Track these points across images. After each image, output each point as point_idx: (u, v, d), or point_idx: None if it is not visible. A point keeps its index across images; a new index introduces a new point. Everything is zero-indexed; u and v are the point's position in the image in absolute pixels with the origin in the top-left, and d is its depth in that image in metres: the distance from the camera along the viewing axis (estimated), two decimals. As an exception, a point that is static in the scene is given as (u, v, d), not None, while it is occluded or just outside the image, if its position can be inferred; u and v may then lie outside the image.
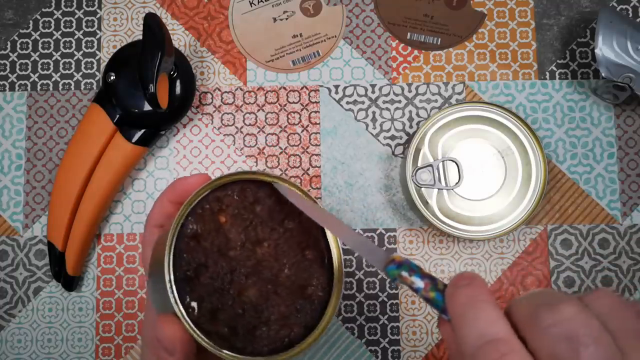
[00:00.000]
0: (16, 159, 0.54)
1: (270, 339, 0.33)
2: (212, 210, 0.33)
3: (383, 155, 0.54)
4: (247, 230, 0.34)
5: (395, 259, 0.29)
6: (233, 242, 0.33)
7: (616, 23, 0.50)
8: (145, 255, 0.37)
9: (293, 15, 0.56)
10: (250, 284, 0.33)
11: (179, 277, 0.31)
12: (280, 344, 0.33)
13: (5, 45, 0.55)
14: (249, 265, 0.33)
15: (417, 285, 0.28)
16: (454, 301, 0.26)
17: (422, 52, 0.55)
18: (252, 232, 0.34)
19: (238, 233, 0.33)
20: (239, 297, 0.33)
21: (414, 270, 0.29)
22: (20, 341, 0.52)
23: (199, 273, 0.32)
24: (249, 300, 0.33)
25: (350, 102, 0.55)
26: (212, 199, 0.33)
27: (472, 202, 0.49)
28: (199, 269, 0.32)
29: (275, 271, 0.34)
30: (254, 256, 0.33)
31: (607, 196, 0.54)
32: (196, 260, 0.32)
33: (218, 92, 0.55)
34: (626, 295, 0.53)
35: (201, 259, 0.32)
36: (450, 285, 0.27)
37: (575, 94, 0.55)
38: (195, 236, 0.32)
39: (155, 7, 0.56)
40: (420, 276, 0.29)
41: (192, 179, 0.35)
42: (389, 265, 0.29)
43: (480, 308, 0.25)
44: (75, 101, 0.55)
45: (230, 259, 0.33)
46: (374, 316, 0.52)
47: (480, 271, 0.53)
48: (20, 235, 0.53)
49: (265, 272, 0.34)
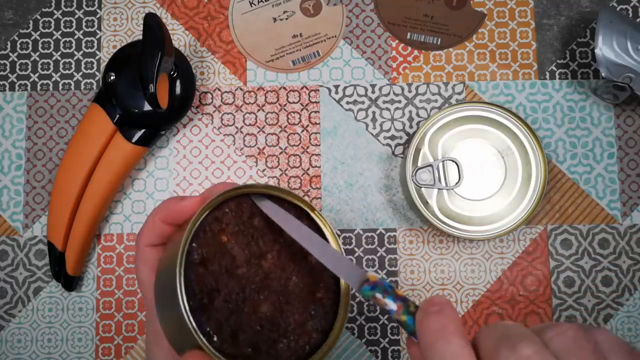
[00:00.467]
0: (16, 159, 0.54)
1: (291, 350, 0.33)
2: (213, 231, 0.33)
3: (383, 155, 0.54)
4: (249, 246, 0.33)
5: (369, 279, 0.30)
6: (239, 259, 0.33)
7: (616, 23, 0.50)
8: (142, 276, 0.37)
9: (293, 15, 0.56)
10: (263, 299, 0.33)
11: (194, 306, 0.31)
12: (302, 352, 0.33)
13: (5, 45, 0.55)
14: (257, 281, 0.33)
15: (389, 307, 0.29)
16: (423, 328, 0.27)
17: (422, 52, 0.55)
18: (255, 246, 0.33)
19: (242, 250, 0.33)
20: (255, 314, 0.32)
21: (387, 291, 0.29)
22: (20, 341, 0.52)
23: (212, 298, 0.31)
24: (265, 315, 0.33)
25: (350, 102, 0.55)
26: (211, 220, 0.33)
27: (472, 202, 0.49)
28: (211, 294, 0.32)
29: (283, 281, 0.34)
30: (261, 270, 0.33)
31: (607, 196, 0.54)
32: (208, 287, 0.31)
33: (218, 92, 0.55)
34: (626, 295, 0.53)
35: (212, 283, 0.32)
36: (420, 311, 0.28)
37: (575, 94, 0.55)
38: (203, 262, 0.32)
39: (155, 7, 0.56)
40: (393, 298, 0.29)
41: (187, 203, 0.34)
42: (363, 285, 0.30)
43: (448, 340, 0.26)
44: (75, 101, 0.55)
45: (240, 278, 0.33)
46: (374, 316, 0.52)
47: (480, 271, 0.53)
48: (20, 235, 0.53)
49: (274, 284, 0.33)
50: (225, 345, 0.31)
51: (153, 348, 0.37)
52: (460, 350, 0.26)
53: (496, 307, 0.52)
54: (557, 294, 0.53)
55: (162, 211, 0.35)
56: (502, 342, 0.26)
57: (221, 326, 0.31)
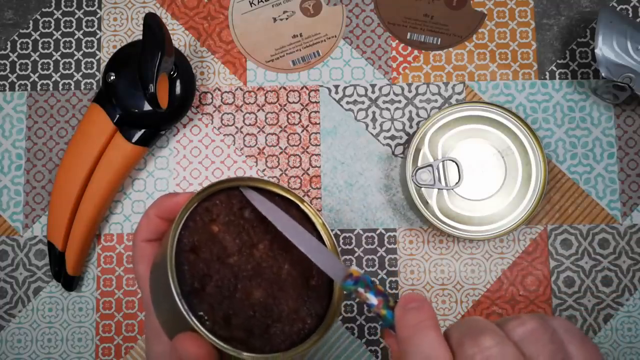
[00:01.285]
0: (16, 159, 0.54)
1: (285, 334, 0.33)
2: (203, 221, 0.33)
3: (383, 155, 0.54)
4: (240, 236, 0.34)
5: (352, 274, 0.31)
6: (230, 249, 0.34)
7: (616, 23, 0.50)
8: (139, 272, 0.37)
9: (293, 15, 0.56)
10: (255, 286, 0.33)
11: (186, 291, 0.31)
12: (296, 337, 0.34)
13: (5, 45, 0.55)
14: (249, 269, 0.34)
15: (371, 301, 0.31)
16: (402, 323, 0.30)
17: (422, 52, 0.55)
18: (246, 236, 0.34)
19: (233, 240, 0.34)
20: (248, 300, 0.33)
21: (369, 286, 0.31)
22: (20, 341, 0.52)
23: (205, 284, 0.32)
24: (258, 301, 0.33)
25: (350, 102, 0.55)
26: (201, 210, 0.33)
27: (472, 202, 0.49)
28: (203, 279, 0.32)
29: (275, 269, 0.34)
30: (253, 259, 0.34)
31: (607, 196, 0.54)
32: (199, 272, 0.32)
33: (218, 92, 0.55)
34: (626, 295, 0.53)
35: (204, 269, 0.32)
36: (399, 307, 0.30)
37: (575, 94, 0.55)
38: (193, 249, 0.33)
39: (155, 7, 0.56)
40: (375, 293, 0.31)
41: (180, 198, 0.35)
42: (346, 280, 0.31)
43: (425, 334, 0.29)
44: (75, 101, 0.55)
45: (231, 266, 0.33)
46: (374, 316, 0.52)
47: (480, 271, 0.53)
48: (20, 235, 0.53)
49: (267, 272, 0.34)
50: (217, 327, 0.32)
51: (152, 344, 0.37)
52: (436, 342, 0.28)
53: (496, 307, 0.53)
54: (557, 294, 0.53)
55: (156, 207, 0.36)
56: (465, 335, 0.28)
57: (214, 310, 0.32)
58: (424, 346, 0.28)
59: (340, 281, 0.32)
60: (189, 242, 0.33)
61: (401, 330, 0.29)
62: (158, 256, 0.34)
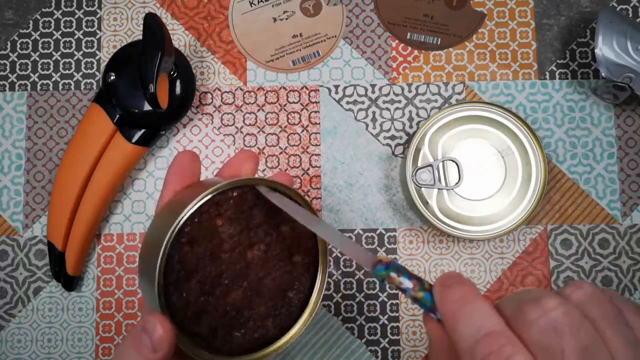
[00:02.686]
0: (16, 159, 0.54)
1: (245, 341, 0.34)
2: (210, 214, 0.33)
3: (383, 155, 0.54)
4: (241, 234, 0.34)
5: (382, 260, 0.30)
6: (226, 244, 0.34)
7: (616, 23, 0.50)
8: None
9: (293, 15, 0.56)
10: (236, 287, 0.34)
11: (169, 281, 0.32)
12: (255, 345, 0.34)
13: (5, 45, 0.55)
14: (237, 269, 0.34)
15: (405, 285, 0.29)
16: (446, 299, 0.27)
17: (422, 52, 0.55)
18: (246, 235, 0.34)
19: (232, 236, 0.34)
20: (224, 299, 0.33)
21: (401, 271, 0.29)
22: (20, 341, 0.52)
23: (190, 278, 0.32)
24: (233, 303, 0.33)
25: (350, 102, 0.55)
26: (210, 203, 0.33)
27: (472, 202, 0.49)
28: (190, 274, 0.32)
29: (262, 274, 0.34)
30: (244, 260, 0.34)
31: (607, 196, 0.54)
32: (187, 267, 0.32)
33: (218, 92, 0.55)
34: (626, 295, 0.53)
35: (193, 263, 0.32)
36: (438, 284, 0.28)
37: (575, 94, 0.55)
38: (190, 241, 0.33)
39: (155, 7, 0.56)
40: (408, 276, 0.29)
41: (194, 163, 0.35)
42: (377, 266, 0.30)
43: (474, 303, 0.27)
44: (75, 101, 0.55)
45: (221, 262, 0.33)
46: (374, 316, 0.52)
47: (480, 271, 0.53)
48: (20, 235, 0.53)
49: (252, 275, 0.34)
50: (186, 322, 0.32)
51: None
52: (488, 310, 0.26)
53: (496, 307, 0.53)
54: (557, 294, 0.53)
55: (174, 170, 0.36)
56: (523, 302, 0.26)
57: (189, 305, 0.32)
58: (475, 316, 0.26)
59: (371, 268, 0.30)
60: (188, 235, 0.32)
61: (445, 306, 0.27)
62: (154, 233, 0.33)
